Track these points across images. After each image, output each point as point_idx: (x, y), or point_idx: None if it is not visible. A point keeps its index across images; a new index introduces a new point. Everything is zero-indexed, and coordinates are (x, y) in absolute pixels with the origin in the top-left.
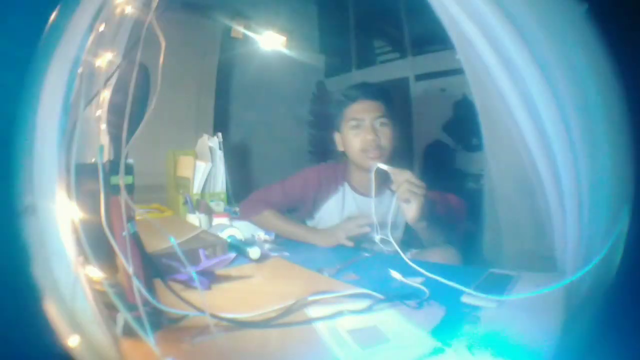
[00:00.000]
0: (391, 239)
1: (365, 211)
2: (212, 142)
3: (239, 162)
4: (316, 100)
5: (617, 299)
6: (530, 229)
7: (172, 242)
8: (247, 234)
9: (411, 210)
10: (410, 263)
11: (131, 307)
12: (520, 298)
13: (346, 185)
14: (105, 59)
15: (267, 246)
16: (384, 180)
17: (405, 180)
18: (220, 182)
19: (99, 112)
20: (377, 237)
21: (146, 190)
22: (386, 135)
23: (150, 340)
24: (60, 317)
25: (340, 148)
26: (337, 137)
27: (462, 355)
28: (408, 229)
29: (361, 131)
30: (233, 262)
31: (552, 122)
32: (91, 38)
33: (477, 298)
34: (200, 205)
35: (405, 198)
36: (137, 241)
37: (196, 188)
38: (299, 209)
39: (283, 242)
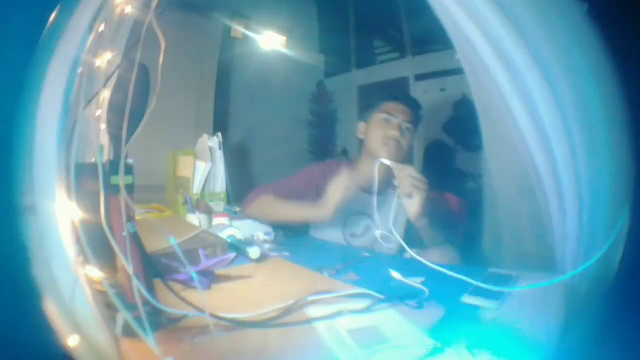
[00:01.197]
0: (394, 233)
1: (368, 207)
2: (212, 142)
3: (239, 162)
4: (316, 100)
5: (617, 299)
6: (530, 229)
7: (172, 242)
8: (247, 234)
9: (413, 206)
10: (414, 255)
11: (131, 307)
12: (521, 297)
13: None
14: (105, 59)
15: (267, 246)
16: (387, 179)
17: (408, 176)
18: (220, 182)
19: (99, 112)
20: (378, 233)
21: (146, 190)
22: (407, 139)
23: (150, 340)
24: (60, 317)
25: (360, 135)
26: (361, 125)
27: (462, 355)
28: (409, 229)
29: (389, 126)
30: (233, 262)
31: (552, 122)
32: (91, 38)
33: (477, 298)
34: (200, 205)
35: (408, 193)
36: (137, 241)
37: (196, 188)
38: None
39: (283, 242)
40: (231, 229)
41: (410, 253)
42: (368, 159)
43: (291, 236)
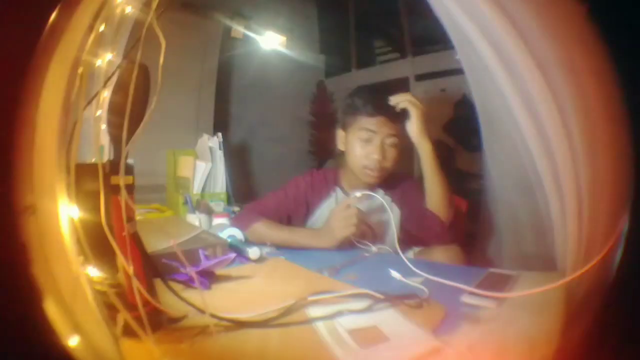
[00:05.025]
0: (396, 243)
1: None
2: (212, 142)
3: (239, 162)
4: (316, 100)
5: (617, 299)
6: (530, 229)
7: (172, 242)
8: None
9: (413, 123)
10: (410, 265)
11: (131, 307)
12: (521, 298)
13: (338, 189)
14: (105, 59)
15: (266, 247)
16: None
17: (404, 99)
18: (220, 182)
19: (99, 112)
20: (374, 249)
21: (146, 190)
22: (392, 157)
23: (150, 340)
24: (60, 317)
25: (340, 147)
26: (340, 134)
27: (462, 355)
28: (403, 227)
29: (369, 146)
30: (233, 262)
31: (551, 122)
32: (91, 38)
33: (477, 298)
34: (200, 205)
35: (405, 107)
36: (137, 241)
37: (196, 188)
38: (292, 217)
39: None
40: (231, 229)
41: (406, 262)
42: (350, 174)
43: None
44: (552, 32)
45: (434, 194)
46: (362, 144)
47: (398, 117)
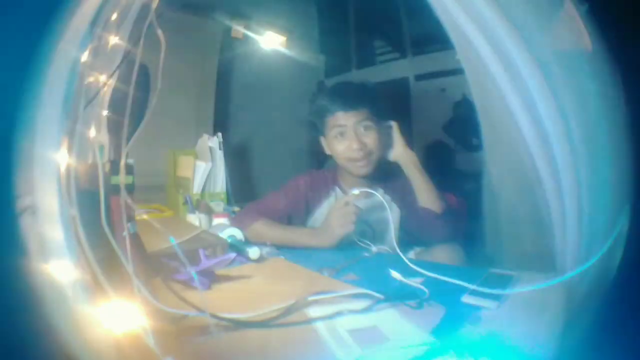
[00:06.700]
0: (395, 242)
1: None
2: (212, 142)
3: (239, 162)
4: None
5: (617, 299)
6: (530, 229)
7: (172, 242)
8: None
9: (396, 143)
10: (408, 262)
11: (131, 307)
12: (521, 297)
13: (337, 189)
14: (105, 59)
15: (266, 247)
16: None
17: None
18: (220, 182)
19: (99, 112)
20: (374, 248)
21: (146, 190)
22: (372, 139)
23: (150, 340)
24: (60, 317)
25: (327, 151)
26: (322, 140)
27: (462, 355)
28: (403, 227)
29: (345, 139)
30: (233, 262)
31: (552, 122)
32: (91, 38)
33: (477, 298)
34: (200, 205)
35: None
36: (137, 241)
37: (196, 188)
38: (292, 217)
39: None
40: (231, 229)
41: (407, 262)
42: (346, 174)
43: None
44: (552, 32)
45: (424, 192)
46: (339, 141)
47: (359, 103)
